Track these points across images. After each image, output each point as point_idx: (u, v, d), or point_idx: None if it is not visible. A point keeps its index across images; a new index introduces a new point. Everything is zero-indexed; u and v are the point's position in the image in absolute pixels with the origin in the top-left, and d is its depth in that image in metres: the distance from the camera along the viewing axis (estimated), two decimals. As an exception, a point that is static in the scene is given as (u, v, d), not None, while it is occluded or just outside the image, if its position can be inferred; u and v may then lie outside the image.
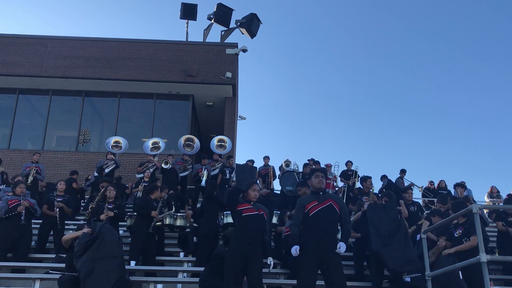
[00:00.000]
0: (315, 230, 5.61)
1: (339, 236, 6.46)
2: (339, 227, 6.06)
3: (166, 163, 12.17)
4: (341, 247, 5.63)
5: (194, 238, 8.98)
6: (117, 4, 50.22)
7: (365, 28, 47.72)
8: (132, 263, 8.13)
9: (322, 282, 5.80)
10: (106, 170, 12.52)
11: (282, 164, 13.49)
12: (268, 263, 6.06)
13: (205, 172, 11.90)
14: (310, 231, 5.63)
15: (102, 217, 8.23)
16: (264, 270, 6.03)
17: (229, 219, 9.37)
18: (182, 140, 13.66)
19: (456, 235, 6.77)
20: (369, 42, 47.55)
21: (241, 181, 11.20)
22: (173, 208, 9.39)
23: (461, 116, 44.87)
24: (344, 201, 11.45)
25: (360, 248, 8.01)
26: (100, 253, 6.32)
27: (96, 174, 12.75)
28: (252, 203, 5.94)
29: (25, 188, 8.76)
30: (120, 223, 9.16)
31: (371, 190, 11.03)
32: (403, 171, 14.12)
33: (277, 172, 13.40)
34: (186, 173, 12.87)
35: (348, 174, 13.48)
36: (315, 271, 5.63)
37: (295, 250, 5.55)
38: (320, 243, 5.56)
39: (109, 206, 8.46)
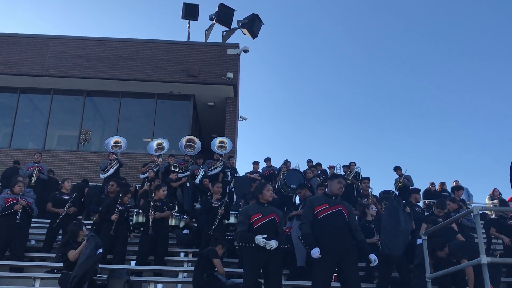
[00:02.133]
0: (327, 233, 5.50)
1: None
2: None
3: (175, 167, 12.20)
4: (376, 260, 5.62)
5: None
6: (118, 4, 50.30)
7: (366, 29, 47.77)
8: (132, 263, 8.16)
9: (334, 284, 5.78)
10: (111, 170, 12.47)
11: (281, 166, 13.47)
12: None
13: (201, 171, 11.93)
14: (321, 234, 5.51)
15: (114, 217, 8.28)
16: None
17: (232, 219, 9.39)
18: (183, 141, 13.69)
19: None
20: (370, 43, 47.59)
21: (241, 192, 11.28)
22: (176, 207, 9.40)
23: (463, 117, 44.88)
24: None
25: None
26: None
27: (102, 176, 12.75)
28: (266, 205, 5.83)
29: (24, 187, 8.75)
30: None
31: (370, 191, 11.04)
32: (397, 168, 13.40)
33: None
34: (187, 173, 12.88)
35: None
36: (332, 273, 5.55)
37: (317, 252, 5.35)
38: (334, 246, 5.45)
39: (120, 208, 8.51)
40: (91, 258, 6.29)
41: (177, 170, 12.10)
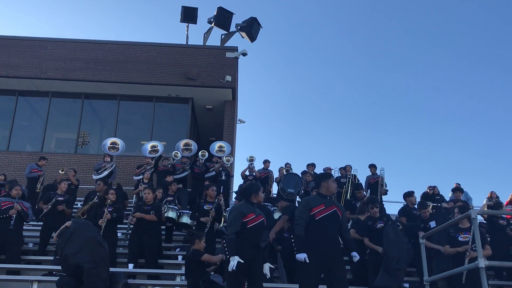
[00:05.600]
0: (322, 235, 5.43)
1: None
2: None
3: (167, 160, 12.35)
4: (357, 257, 5.61)
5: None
6: (117, 7, 50.37)
7: (365, 32, 47.91)
8: (130, 266, 8.14)
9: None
10: (105, 172, 12.45)
11: (282, 168, 13.42)
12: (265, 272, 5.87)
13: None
14: (316, 236, 5.43)
15: (100, 222, 8.18)
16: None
17: None
18: (180, 145, 13.72)
19: (462, 239, 6.66)
20: (370, 46, 47.72)
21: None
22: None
23: (462, 119, 44.96)
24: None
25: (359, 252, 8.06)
26: (68, 250, 6.27)
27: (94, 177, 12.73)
28: (255, 206, 5.80)
29: (21, 191, 8.72)
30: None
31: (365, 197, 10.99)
32: (373, 166, 13.30)
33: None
34: (186, 173, 12.93)
35: (348, 178, 13.34)
36: (319, 276, 5.48)
37: (303, 258, 5.26)
38: (327, 248, 5.40)
39: (109, 209, 8.46)
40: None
41: (169, 161, 12.25)
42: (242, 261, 5.30)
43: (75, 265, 6.20)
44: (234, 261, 5.27)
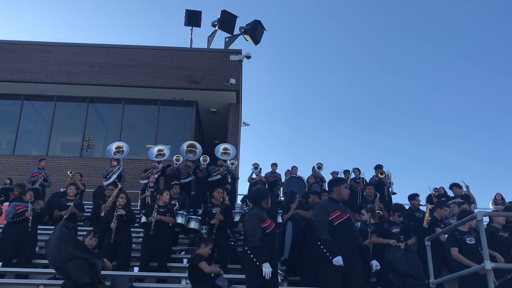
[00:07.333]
0: (341, 240, 5.45)
1: None
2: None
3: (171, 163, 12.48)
4: (378, 265, 5.57)
5: None
6: (121, 11, 50.55)
7: (368, 33, 47.85)
8: (136, 269, 8.15)
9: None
10: (114, 177, 12.43)
11: (288, 172, 13.41)
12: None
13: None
14: (336, 240, 5.43)
15: (112, 225, 8.29)
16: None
17: (236, 218, 9.41)
18: (184, 146, 13.72)
19: (469, 242, 6.59)
20: (372, 47, 47.66)
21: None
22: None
23: (466, 120, 44.77)
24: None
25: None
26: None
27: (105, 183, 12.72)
28: (266, 211, 5.88)
29: (33, 196, 8.83)
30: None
31: (377, 197, 10.92)
32: (378, 167, 13.10)
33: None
34: (190, 178, 12.90)
35: (356, 182, 13.27)
36: (342, 279, 5.47)
37: (340, 260, 5.23)
38: (347, 252, 5.42)
39: (119, 213, 8.53)
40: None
41: (173, 166, 12.46)
42: (271, 270, 5.38)
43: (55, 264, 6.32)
44: (267, 268, 5.37)
